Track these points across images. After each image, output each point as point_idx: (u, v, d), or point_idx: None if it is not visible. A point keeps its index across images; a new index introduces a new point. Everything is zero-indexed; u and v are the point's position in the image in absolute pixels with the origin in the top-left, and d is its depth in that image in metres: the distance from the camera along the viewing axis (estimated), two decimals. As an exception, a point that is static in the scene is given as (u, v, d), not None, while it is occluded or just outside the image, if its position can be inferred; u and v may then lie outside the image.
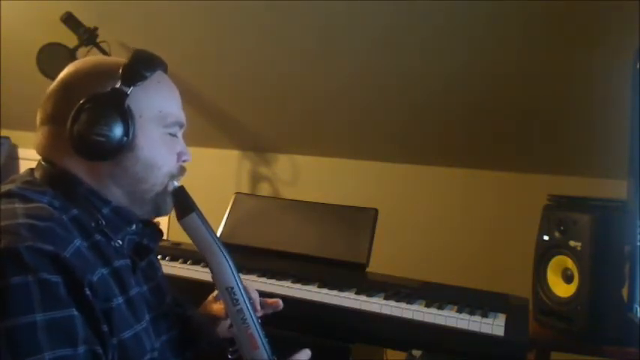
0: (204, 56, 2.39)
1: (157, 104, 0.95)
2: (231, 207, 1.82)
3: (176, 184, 0.98)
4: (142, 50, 0.96)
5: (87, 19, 2.22)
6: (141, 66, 0.93)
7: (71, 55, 2.18)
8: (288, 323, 1.40)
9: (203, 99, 2.55)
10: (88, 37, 2.21)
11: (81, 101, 0.87)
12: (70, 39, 2.21)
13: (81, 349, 0.76)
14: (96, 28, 2.23)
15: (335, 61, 2.18)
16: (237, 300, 0.95)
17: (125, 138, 0.88)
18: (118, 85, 0.89)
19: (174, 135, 0.98)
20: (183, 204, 0.96)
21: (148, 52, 0.96)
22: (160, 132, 0.95)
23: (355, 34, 2.06)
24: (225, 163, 2.76)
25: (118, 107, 0.88)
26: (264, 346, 0.97)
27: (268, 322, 1.06)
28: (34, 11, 2.44)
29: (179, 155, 0.99)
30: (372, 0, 1.89)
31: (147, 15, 2.29)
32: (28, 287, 0.74)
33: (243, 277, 1.55)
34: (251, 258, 1.64)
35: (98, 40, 2.23)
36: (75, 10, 2.22)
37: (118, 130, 0.88)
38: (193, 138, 2.99)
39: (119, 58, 0.96)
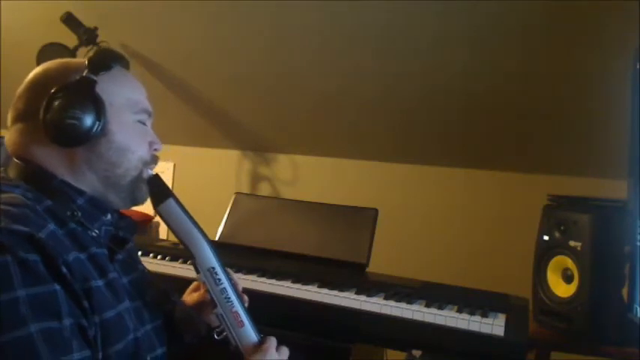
0: (204, 56, 2.39)
1: (125, 92, 0.98)
2: (231, 207, 1.82)
3: (150, 172, 1.00)
4: (104, 47, 1.02)
5: (87, 19, 2.22)
6: (105, 58, 0.97)
7: (71, 55, 2.17)
8: (288, 323, 1.40)
9: (203, 99, 2.55)
10: (88, 37, 2.21)
11: (51, 92, 0.90)
12: (70, 39, 2.21)
13: (66, 321, 0.78)
14: (96, 28, 2.23)
15: (335, 61, 2.18)
16: (219, 279, 0.98)
17: (97, 122, 0.91)
18: (85, 74, 0.93)
19: (143, 123, 1.01)
20: (159, 191, 0.98)
21: (110, 48, 1.02)
22: (131, 119, 0.98)
23: (355, 34, 2.06)
24: (225, 163, 2.76)
25: (88, 93, 0.92)
26: (250, 324, 0.99)
27: (268, 322, 1.06)
28: (34, 11, 2.44)
29: (150, 144, 1.02)
30: (372, 1, 1.89)
31: (147, 15, 2.29)
32: (7, 266, 0.75)
33: (243, 277, 1.56)
34: (251, 258, 1.64)
35: (98, 40, 2.23)
36: (75, 10, 2.22)
37: (90, 114, 0.90)
38: (193, 138, 3.02)
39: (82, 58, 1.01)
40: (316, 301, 1.47)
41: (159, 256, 1.67)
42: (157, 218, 2.38)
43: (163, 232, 2.50)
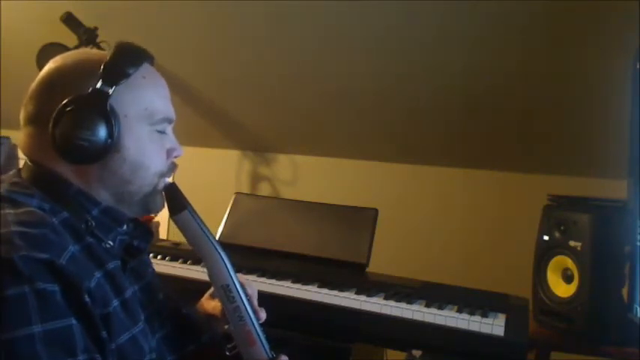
0: (205, 56, 2.39)
1: (143, 102, 0.91)
2: (231, 207, 1.82)
3: (167, 180, 0.96)
4: (125, 44, 0.91)
5: (87, 19, 2.22)
6: (123, 63, 0.89)
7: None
8: (288, 323, 1.40)
9: (203, 99, 2.55)
10: (88, 37, 2.21)
11: (62, 104, 0.84)
12: (70, 39, 2.21)
13: (81, 358, 0.75)
14: (96, 28, 2.23)
15: (335, 61, 2.18)
16: (233, 297, 0.95)
17: (109, 140, 0.85)
18: (99, 86, 0.86)
19: (162, 132, 0.95)
20: (175, 201, 0.94)
21: (131, 46, 0.92)
22: (147, 130, 0.92)
23: (355, 34, 2.06)
24: (225, 163, 2.76)
25: (99, 109, 0.85)
26: (262, 343, 0.97)
27: (268, 322, 1.06)
28: (34, 11, 2.44)
29: (169, 152, 0.96)
30: (372, 0, 1.89)
31: (147, 15, 2.29)
32: (25, 298, 0.72)
33: (242, 277, 1.55)
34: (251, 258, 1.64)
35: (98, 40, 2.23)
36: (75, 10, 2.22)
37: (101, 133, 0.84)
38: (193, 138, 3.01)
39: (105, 52, 0.91)
40: (316, 301, 1.47)
41: (159, 256, 1.67)
42: (157, 218, 2.38)
43: (163, 232, 2.50)
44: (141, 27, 2.34)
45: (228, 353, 0.99)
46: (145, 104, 0.91)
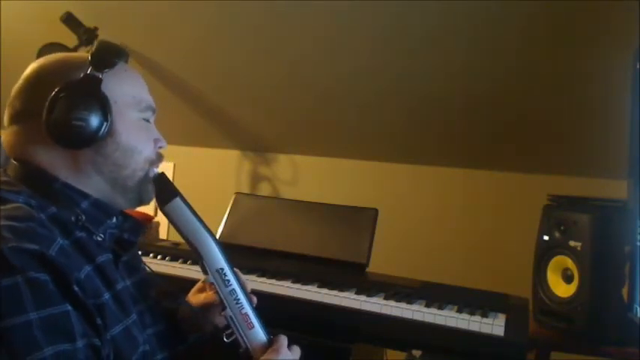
0: (205, 56, 2.39)
1: (130, 90, 0.96)
2: (231, 207, 1.82)
3: (156, 170, 0.98)
4: (106, 40, 0.97)
5: (87, 19, 2.22)
6: (108, 53, 0.94)
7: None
8: (288, 323, 1.40)
9: (203, 99, 2.55)
10: (88, 37, 2.21)
11: (54, 92, 0.87)
12: (70, 39, 2.21)
13: (80, 342, 0.76)
14: (96, 28, 2.23)
15: (335, 61, 2.18)
16: (228, 281, 0.96)
17: (105, 122, 0.89)
18: (89, 72, 0.90)
19: (147, 121, 0.99)
20: (165, 190, 0.96)
21: (111, 42, 0.97)
22: (136, 117, 0.96)
23: (355, 34, 2.06)
24: (225, 163, 2.76)
25: (94, 92, 0.89)
26: (260, 325, 0.98)
27: (268, 322, 1.06)
28: (34, 11, 2.44)
29: (155, 142, 1.00)
30: (372, 0, 1.89)
31: (147, 15, 2.29)
32: (18, 287, 0.73)
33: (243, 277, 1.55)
34: (251, 258, 1.64)
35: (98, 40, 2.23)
36: (75, 10, 2.22)
37: (96, 115, 0.88)
38: (193, 138, 3.02)
39: (82, 53, 0.95)
40: (316, 301, 1.47)
41: (159, 256, 1.67)
42: (157, 218, 2.38)
43: (163, 232, 2.50)
44: (141, 27, 2.34)
45: (226, 340, 0.99)
46: (132, 92, 0.96)
